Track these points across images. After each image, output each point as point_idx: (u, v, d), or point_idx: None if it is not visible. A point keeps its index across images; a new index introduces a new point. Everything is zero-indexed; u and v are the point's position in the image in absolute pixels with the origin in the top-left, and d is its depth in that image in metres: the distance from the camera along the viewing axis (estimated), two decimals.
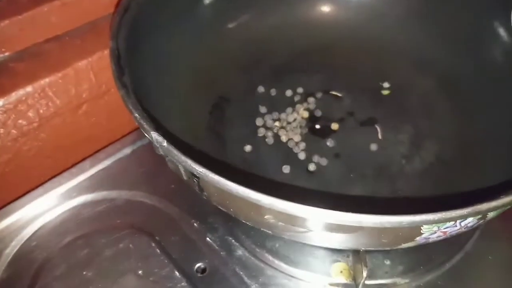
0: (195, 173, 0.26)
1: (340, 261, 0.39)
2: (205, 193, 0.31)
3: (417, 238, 0.28)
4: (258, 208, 0.26)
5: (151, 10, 0.40)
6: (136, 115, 0.29)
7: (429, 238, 0.28)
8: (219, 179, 0.26)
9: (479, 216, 0.27)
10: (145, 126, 0.28)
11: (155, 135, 0.28)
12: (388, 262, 0.39)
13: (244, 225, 0.37)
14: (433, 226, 0.26)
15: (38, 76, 0.43)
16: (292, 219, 0.27)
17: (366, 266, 0.35)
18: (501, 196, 0.25)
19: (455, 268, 0.39)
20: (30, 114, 0.44)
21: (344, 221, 0.24)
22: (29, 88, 0.43)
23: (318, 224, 0.28)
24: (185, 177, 0.30)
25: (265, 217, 0.28)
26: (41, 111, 0.44)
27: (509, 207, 0.26)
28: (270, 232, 0.34)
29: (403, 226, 0.24)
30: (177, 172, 0.31)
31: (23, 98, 0.42)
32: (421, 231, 0.27)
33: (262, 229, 0.33)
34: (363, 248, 0.34)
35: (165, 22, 0.42)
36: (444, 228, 0.27)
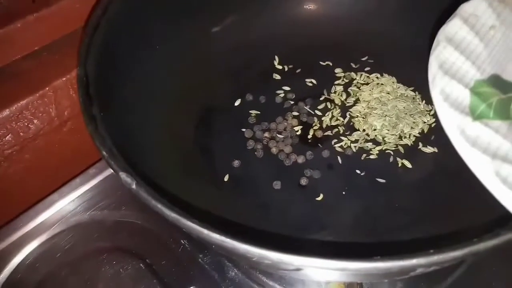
0: (166, 218, 0.24)
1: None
2: (184, 229, 0.29)
3: (412, 273, 0.26)
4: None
5: (124, 25, 0.37)
6: (104, 153, 0.27)
7: (424, 271, 0.26)
8: (192, 225, 0.24)
9: None
10: (114, 166, 0.26)
11: (124, 176, 0.26)
12: (386, 280, 0.37)
13: None
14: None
15: (15, 99, 0.42)
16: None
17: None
18: (502, 233, 0.23)
19: (457, 282, 0.37)
20: (10, 138, 0.42)
21: (329, 268, 0.23)
22: (6, 112, 0.41)
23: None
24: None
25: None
26: (21, 133, 0.43)
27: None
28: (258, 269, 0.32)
29: (393, 272, 0.22)
30: None
31: (1, 122, 0.41)
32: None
33: (247, 267, 0.32)
34: (356, 281, 0.32)
35: (141, 36, 0.39)
36: None
